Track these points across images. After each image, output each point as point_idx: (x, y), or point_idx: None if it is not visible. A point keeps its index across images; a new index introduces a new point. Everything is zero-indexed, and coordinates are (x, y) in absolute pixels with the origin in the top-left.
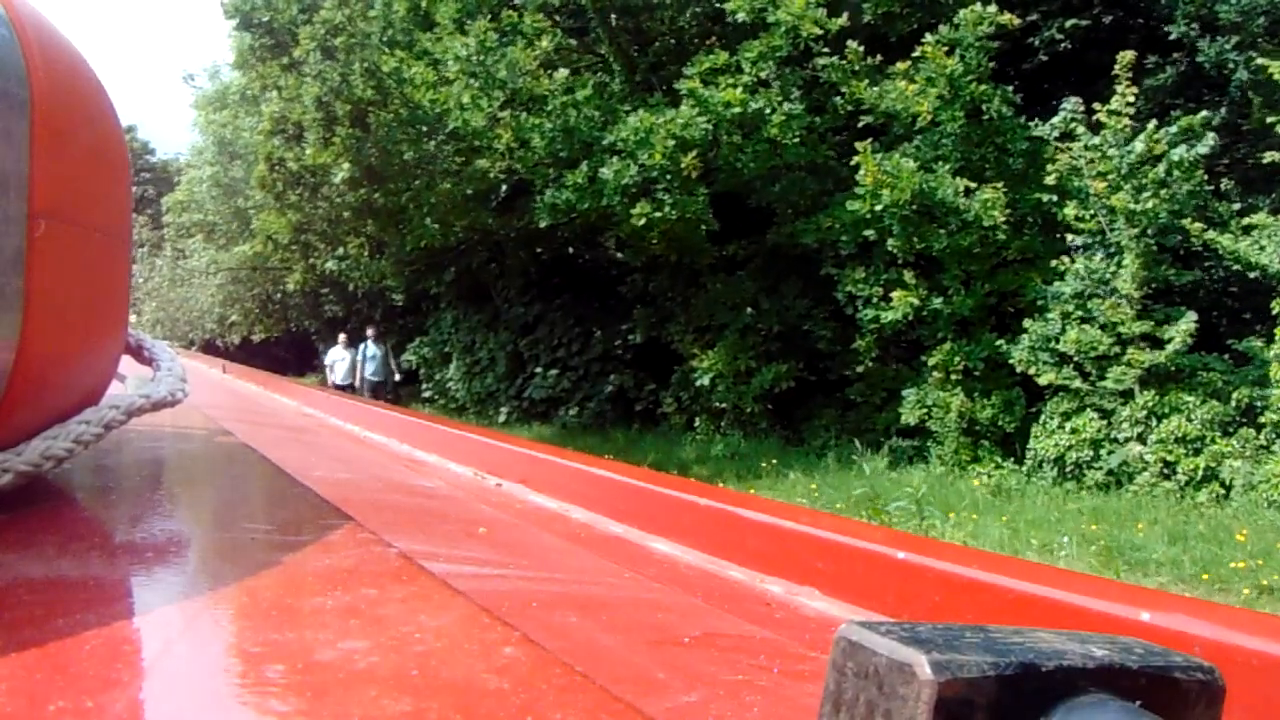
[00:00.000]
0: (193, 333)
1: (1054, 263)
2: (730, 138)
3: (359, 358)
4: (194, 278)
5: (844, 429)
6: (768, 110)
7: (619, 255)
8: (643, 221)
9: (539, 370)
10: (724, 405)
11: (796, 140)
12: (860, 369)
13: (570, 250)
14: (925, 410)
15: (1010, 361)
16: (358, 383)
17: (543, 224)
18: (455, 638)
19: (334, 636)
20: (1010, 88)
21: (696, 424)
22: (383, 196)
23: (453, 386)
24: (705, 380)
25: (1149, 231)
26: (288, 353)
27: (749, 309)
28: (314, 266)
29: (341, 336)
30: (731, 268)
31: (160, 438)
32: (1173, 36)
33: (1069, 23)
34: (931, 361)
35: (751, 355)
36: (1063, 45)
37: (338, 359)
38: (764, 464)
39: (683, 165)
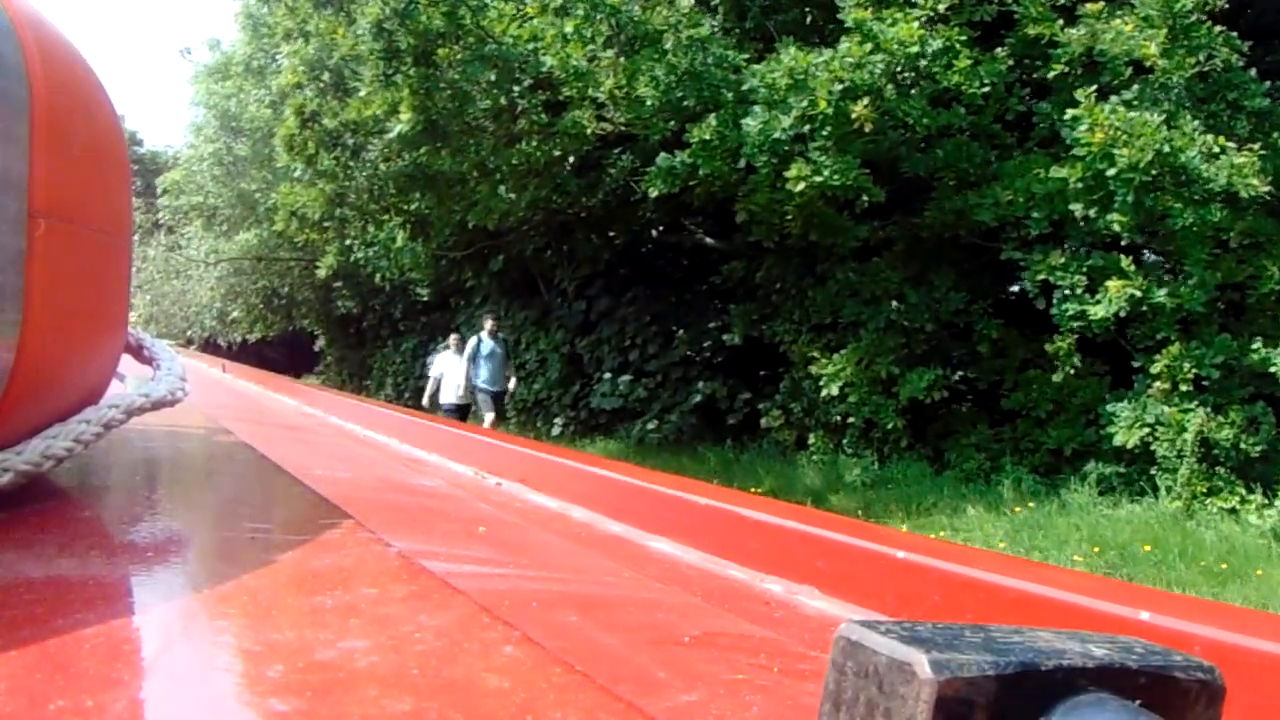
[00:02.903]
0: (190, 329)
1: None
2: (887, 87)
3: (470, 360)
4: (191, 268)
5: (1001, 448)
6: (950, 51)
7: (709, 241)
8: (799, 188)
9: (607, 376)
10: (853, 420)
11: (983, 91)
12: (1058, 377)
13: (654, 232)
14: (1148, 429)
15: (1272, 370)
16: (463, 395)
17: (653, 194)
18: (455, 637)
19: (334, 636)
20: (1235, 34)
21: (811, 441)
22: (448, 158)
23: None
24: (833, 389)
25: None
26: (279, 352)
27: (893, 302)
28: (350, 248)
29: (453, 337)
30: (865, 253)
31: (160, 437)
32: None
33: None
34: (1155, 368)
35: (893, 359)
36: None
37: (448, 369)
38: (928, 496)
39: (854, 116)
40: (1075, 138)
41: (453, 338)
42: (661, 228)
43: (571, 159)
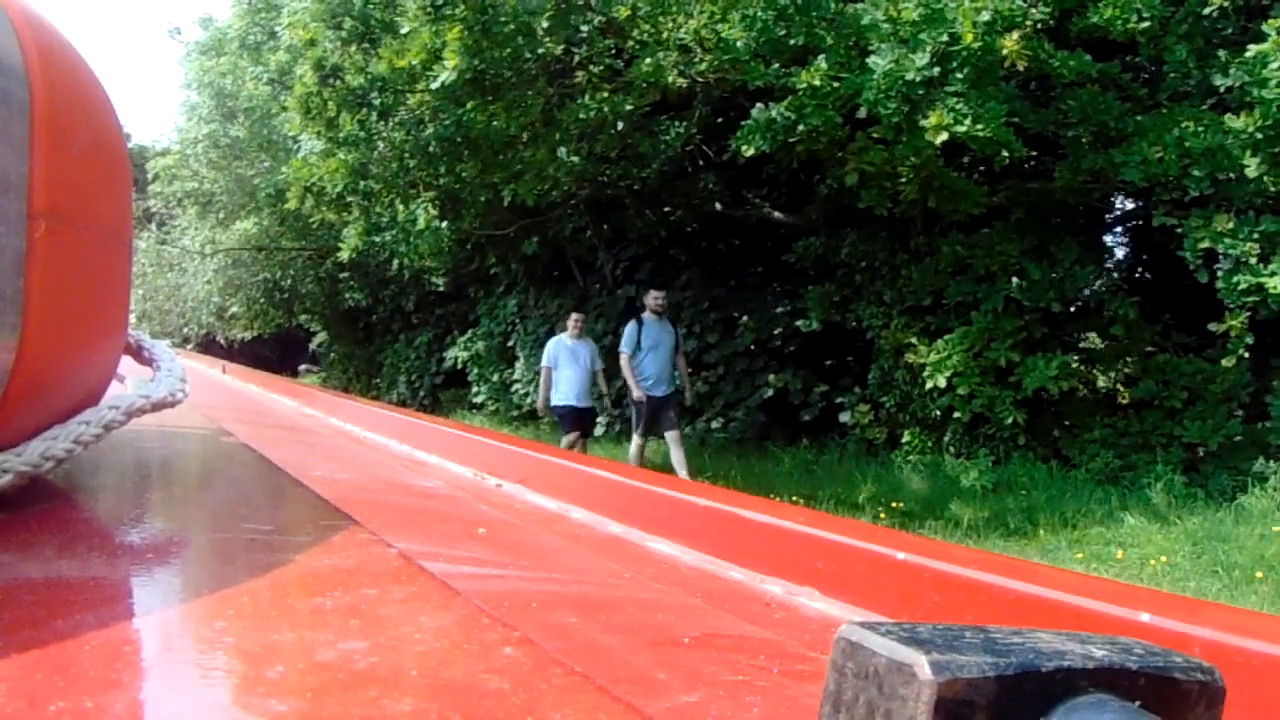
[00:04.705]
0: (186, 326)
1: None
2: (1025, 21)
3: (635, 350)
4: (186, 261)
5: (1129, 444)
6: None
7: (778, 215)
8: (940, 139)
9: None
10: (958, 414)
11: (1143, 25)
12: (1229, 361)
13: (718, 206)
14: None
15: None
16: (589, 397)
17: (747, 153)
18: (455, 638)
19: (334, 637)
20: None
21: (906, 439)
22: (500, 112)
23: (519, 390)
24: (939, 380)
25: None
26: (273, 350)
27: (1013, 279)
28: (377, 225)
29: (573, 317)
30: (969, 224)
31: (160, 438)
32: None
33: None
34: None
35: (1010, 344)
36: None
37: (564, 356)
38: (1065, 503)
39: (1005, 52)
40: (1263, 77)
41: (573, 317)
42: (724, 201)
43: (621, 125)
